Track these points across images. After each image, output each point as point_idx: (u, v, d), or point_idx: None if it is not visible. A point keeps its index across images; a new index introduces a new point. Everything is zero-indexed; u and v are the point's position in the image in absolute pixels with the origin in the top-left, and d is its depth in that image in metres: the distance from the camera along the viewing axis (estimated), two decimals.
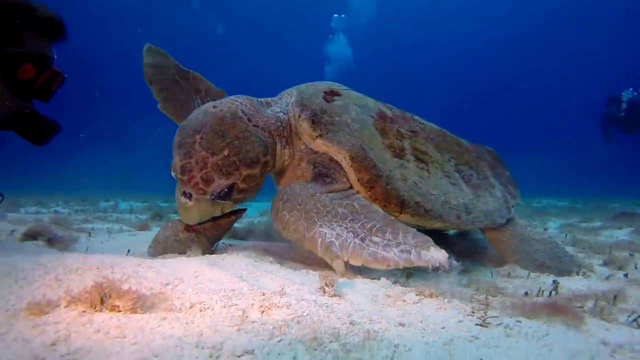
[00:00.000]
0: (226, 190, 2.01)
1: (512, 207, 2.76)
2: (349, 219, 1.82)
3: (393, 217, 1.86)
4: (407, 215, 2.20)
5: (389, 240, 1.71)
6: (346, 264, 1.73)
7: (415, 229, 1.79)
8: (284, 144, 2.35)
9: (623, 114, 9.67)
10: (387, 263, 1.65)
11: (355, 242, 1.71)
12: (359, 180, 2.17)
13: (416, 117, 2.79)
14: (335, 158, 2.23)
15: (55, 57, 2.01)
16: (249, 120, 2.15)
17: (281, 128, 2.34)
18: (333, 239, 1.74)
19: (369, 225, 1.77)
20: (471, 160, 2.78)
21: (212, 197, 1.99)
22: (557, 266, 2.41)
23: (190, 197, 1.96)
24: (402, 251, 1.66)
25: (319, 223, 1.81)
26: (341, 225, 1.80)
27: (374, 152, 2.26)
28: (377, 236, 1.74)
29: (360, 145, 2.23)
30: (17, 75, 1.85)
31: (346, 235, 1.74)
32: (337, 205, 1.89)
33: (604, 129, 10.51)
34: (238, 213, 2.28)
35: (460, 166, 2.66)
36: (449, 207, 2.34)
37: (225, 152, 1.98)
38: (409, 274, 1.76)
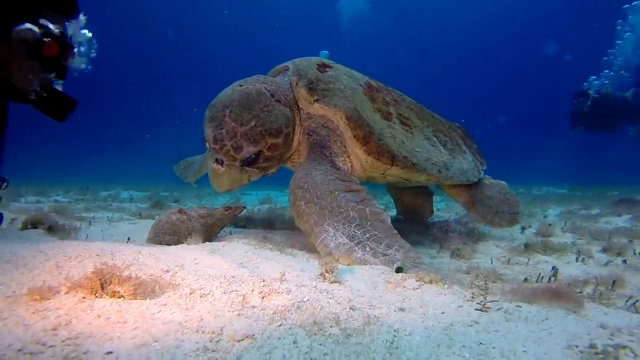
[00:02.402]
0: (253, 156, 2.22)
1: (482, 170, 3.32)
2: (356, 224, 1.92)
3: (396, 232, 1.93)
4: (398, 167, 2.48)
5: (381, 250, 1.80)
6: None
7: (409, 245, 1.86)
8: (296, 110, 2.53)
9: (589, 104, 9.51)
10: (369, 265, 1.73)
11: (348, 246, 1.81)
12: (354, 136, 2.39)
13: (397, 91, 3.15)
14: (330, 120, 2.46)
15: (68, 33, 2.05)
16: (272, 95, 2.37)
17: (290, 89, 2.54)
18: (332, 241, 1.85)
19: (369, 234, 1.87)
20: (445, 130, 3.23)
21: (241, 163, 2.21)
22: (507, 209, 3.09)
23: (222, 163, 2.18)
24: (386, 261, 1.73)
25: (327, 221, 1.93)
26: (346, 228, 1.89)
27: (366, 114, 2.50)
28: (371, 243, 1.83)
29: (354, 107, 2.46)
30: (43, 52, 1.89)
31: (344, 240, 1.84)
32: (350, 208, 2.00)
33: (572, 123, 10.39)
34: (236, 209, 2.33)
35: (437, 133, 3.05)
36: (431, 162, 2.69)
37: (252, 123, 2.20)
38: (399, 268, 1.76)
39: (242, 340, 0.88)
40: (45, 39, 1.89)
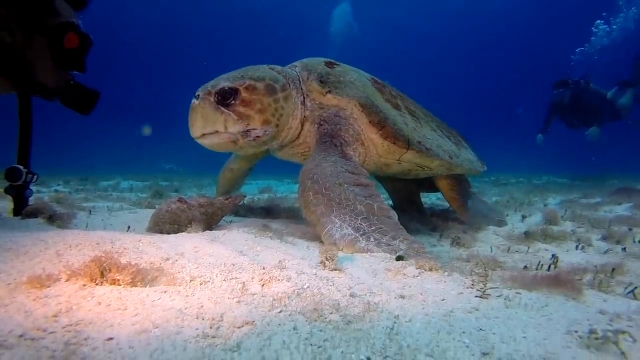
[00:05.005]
0: (228, 89, 2.27)
1: (483, 164, 3.53)
2: (362, 217, 1.91)
3: (402, 227, 1.92)
4: (413, 152, 2.58)
5: (385, 241, 1.79)
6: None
7: (414, 238, 1.85)
8: (301, 98, 2.57)
9: (567, 100, 9.41)
10: (370, 253, 1.73)
11: (353, 236, 1.81)
12: (370, 122, 2.49)
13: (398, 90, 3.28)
14: (343, 109, 2.54)
15: (81, 24, 2.05)
16: (267, 65, 2.57)
17: (297, 81, 2.61)
18: (337, 232, 1.85)
19: (374, 227, 1.86)
20: (446, 127, 3.42)
21: (216, 97, 2.27)
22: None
23: (198, 97, 2.31)
24: (390, 250, 1.72)
25: (334, 213, 1.92)
26: (352, 220, 1.88)
27: (378, 102, 2.63)
28: (376, 235, 1.82)
29: (366, 96, 2.58)
30: (64, 45, 1.89)
31: (349, 231, 1.84)
32: (358, 202, 1.98)
33: (547, 117, 10.26)
34: (236, 198, 2.32)
35: (440, 128, 3.22)
36: (443, 149, 2.83)
37: (239, 74, 2.39)
38: (399, 257, 1.76)
39: (242, 326, 0.89)
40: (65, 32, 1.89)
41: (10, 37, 1.77)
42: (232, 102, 2.28)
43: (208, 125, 2.30)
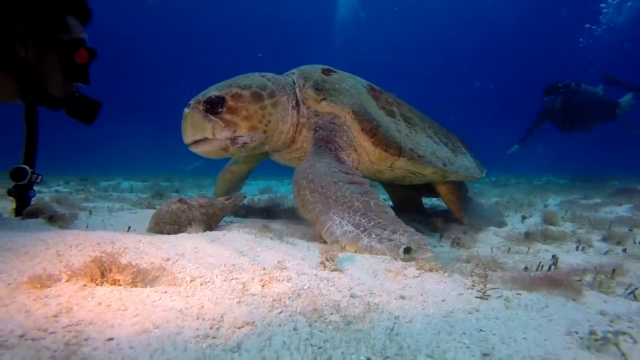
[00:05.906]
0: (215, 98, 2.34)
1: (482, 170, 3.52)
2: (360, 213, 1.91)
3: (399, 220, 1.93)
4: (405, 159, 2.59)
5: (386, 236, 1.79)
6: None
7: (413, 230, 1.85)
8: (293, 104, 2.62)
9: (560, 100, 9.36)
10: (376, 252, 1.72)
11: (355, 233, 1.80)
12: (362, 129, 2.52)
13: (396, 96, 3.30)
14: (337, 117, 2.58)
15: (86, 37, 2.12)
16: (258, 73, 2.60)
17: (289, 86, 2.64)
18: (338, 229, 1.85)
19: (374, 222, 1.87)
20: (444, 133, 3.41)
21: (204, 106, 2.35)
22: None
23: (189, 106, 2.40)
24: (392, 246, 1.72)
25: (333, 210, 1.92)
26: (351, 217, 1.89)
27: (372, 110, 2.65)
28: (377, 230, 1.82)
29: (360, 103, 2.62)
30: (75, 60, 1.97)
31: (350, 228, 1.84)
32: (355, 199, 1.99)
33: (531, 127, 10.19)
34: (237, 199, 2.33)
35: (438, 134, 3.22)
36: (436, 157, 2.82)
37: (228, 83, 2.46)
38: (407, 248, 1.76)
39: (243, 327, 0.89)
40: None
41: (25, 52, 1.84)
42: (220, 110, 2.34)
43: (197, 132, 2.36)
